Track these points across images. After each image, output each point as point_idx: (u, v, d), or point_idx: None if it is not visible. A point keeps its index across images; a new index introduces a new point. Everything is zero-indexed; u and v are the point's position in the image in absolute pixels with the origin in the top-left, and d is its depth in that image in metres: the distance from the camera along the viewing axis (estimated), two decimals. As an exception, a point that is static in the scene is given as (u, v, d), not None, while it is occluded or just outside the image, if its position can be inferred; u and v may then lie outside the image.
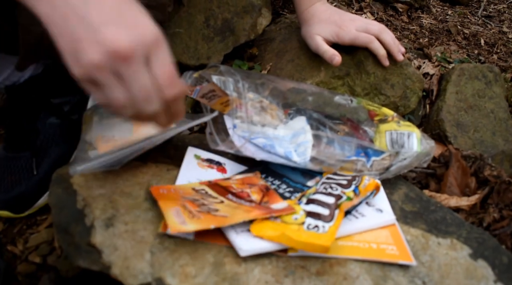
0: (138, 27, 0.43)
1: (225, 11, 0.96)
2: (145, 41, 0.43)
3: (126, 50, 0.42)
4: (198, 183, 0.64)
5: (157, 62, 0.45)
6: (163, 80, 0.45)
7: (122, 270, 0.52)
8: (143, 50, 0.43)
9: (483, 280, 0.57)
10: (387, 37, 0.84)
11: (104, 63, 0.42)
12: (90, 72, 0.43)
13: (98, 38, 0.41)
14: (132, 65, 0.43)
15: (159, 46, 0.45)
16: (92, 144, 0.71)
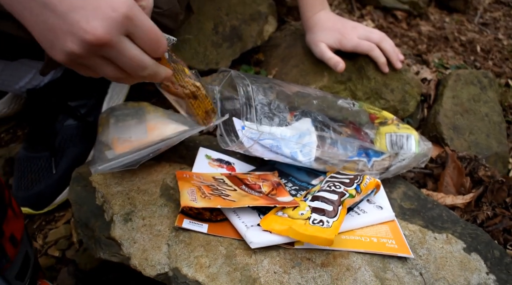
0: (105, 4, 0.41)
1: (233, 19, 1.01)
2: (118, 20, 0.42)
3: (102, 38, 0.41)
4: (219, 173, 0.69)
5: (138, 31, 0.44)
6: (150, 45, 0.46)
7: (141, 261, 0.57)
8: (120, 29, 0.42)
9: (476, 272, 0.61)
10: (387, 45, 0.88)
11: (85, 52, 0.42)
12: (73, 59, 0.43)
13: (69, 27, 0.41)
14: (114, 46, 0.43)
15: (133, 16, 0.43)
16: (109, 145, 0.75)
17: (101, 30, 0.41)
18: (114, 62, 0.45)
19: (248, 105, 0.74)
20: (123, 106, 0.84)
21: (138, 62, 0.45)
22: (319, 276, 0.56)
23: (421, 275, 0.59)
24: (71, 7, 0.41)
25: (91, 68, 0.45)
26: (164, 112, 0.82)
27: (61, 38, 0.42)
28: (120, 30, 0.43)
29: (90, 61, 0.44)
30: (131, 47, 0.44)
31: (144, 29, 0.44)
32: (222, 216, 0.61)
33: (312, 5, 0.93)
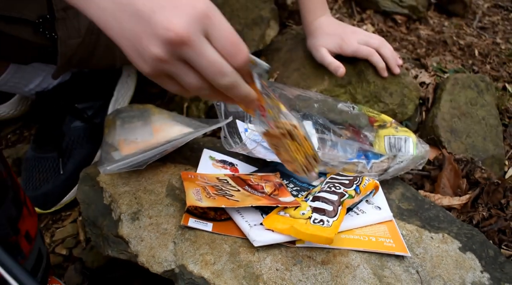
0: (186, 2, 0.42)
1: (236, 23, 1.03)
2: (197, 17, 0.42)
3: (182, 35, 0.41)
4: (223, 174, 0.71)
5: (217, 32, 0.43)
6: (230, 48, 0.44)
7: (148, 258, 0.59)
8: (199, 26, 0.42)
9: (471, 270, 0.63)
10: (386, 51, 0.91)
11: (168, 54, 0.42)
12: (158, 66, 0.43)
13: (153, 29, 0.41)
14: (194, 46, 0.42)
15: (212, 16, 0.43)
16: (115, 146, 0.77)
17: (181, 26, 0.41)
18: (194, 67, 0.44)
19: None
20: (129, 108, 0.86)
21: (217, 67, 0.44)
22: (319, 273, 0.58)
23: (418, 273, 0.61)
24: (154, 9, 0.41)
25: (174, 77, 0.45)
26: (169, 114, 0.84)
27: (146, 44, 0.42)
28: (199, 28, 0.42)
29: (173, 68, 0.44)
30: (211, 49, 0.43)
31: (223, 31, 0.43)
32: (226, 215, 0.63)
33: (313, 10, 0.95)
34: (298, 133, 0.56)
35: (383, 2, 1.44)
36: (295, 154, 0.57)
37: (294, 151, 0.57)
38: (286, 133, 0.55)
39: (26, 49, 0.68)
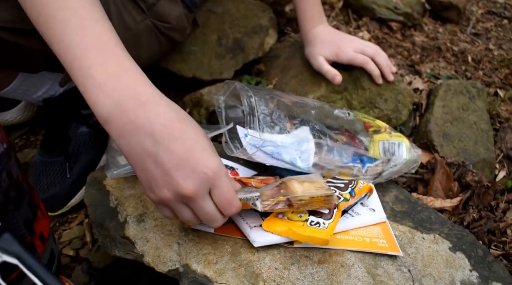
0: (201, 167, 0.50)
1: (236, 32, 1.07)
2: (207, 180, 0.51)
3: (192, 193, 0.50)
4: None
5: (218, 190, 0.52)
6: (224, 204, 0.53)
7: (154, 258, 0.62)
8: (206, 186, 0.51)
9: (460, 269, 0.67)
10: (381, 59, 0.94)
11: (174, 199, 0.51)
12: (162, 201, 0.52)
13: (169, 181, 0.50)
14: (197, 201, 0.51)
15: (218, 178, 0.52)
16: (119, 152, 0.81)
17: (193, 187, 0.50)
18: (193, 211, 0.54)
19: (251, 115, 0.80)
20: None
21: (211, 217, 0.54)
22: (316, 272, 0.61)
23: (409, 271, 0.64)
24: (175, 166, 0.50)
25: (173, 211, 0.54)
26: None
27: (160, 186, 0.51)
28: (205, 188, 0.51)
29: (175, 206, 0.53)
30: (209, 204, 0.53)
31: (222, 191, 0.53)
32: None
33: (311, 19, 0.99)
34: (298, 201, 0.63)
35: (379, 9, 1.48)
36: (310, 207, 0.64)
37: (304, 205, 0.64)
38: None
39: (35, 58, 0.71)
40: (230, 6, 1.09)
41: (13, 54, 0.68)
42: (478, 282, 0.66)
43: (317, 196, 0.63)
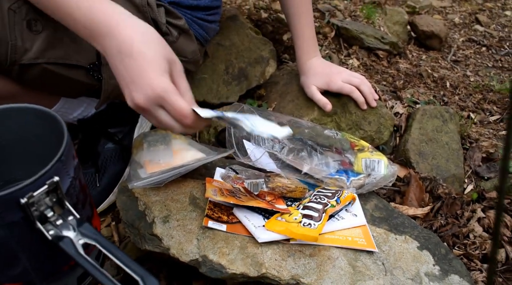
0: (147, 86, 0.63)
1: (240, 62, 1.23)
2: (153, 97, 0.63)
3: (143, 105, 0.64)
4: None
5: (168, 106, 0.64)
6: (177, 117, 0.65)
7: (178, 251, 0.77)
8: (154, 102, 0.64)
9: (425, 264, 0.82)
10: (365, 88, 1.11)
11: (136, 109, 0.66)
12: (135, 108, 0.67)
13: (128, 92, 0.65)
14: (150, 112, 0.65)
15: (165, 96, 0.63)
16: (142, 165, 0.96)
17: (143, 101, 0.64)
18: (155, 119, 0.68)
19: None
20: (154, 133, 1.05)
21: (168, 126, 0.67)
22: (307, 263, 0.76)
23: (383, 264, 0.80)
24: (130, 81, 0.64)
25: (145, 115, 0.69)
26: (186, 139, 1.03)
27: (126, 96, 0.66)
28: (155, 102, 0.64)
29: (142, 113, 0.68)
30: (164, 115, 0.66)
31: (173, 107, 0.64)
32: (236, 219, 0.82)
33: (306, 53, 1.15)
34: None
35: (367, 39, 1.65)
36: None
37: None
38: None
39: (77, 86, 0.87)
40: (236, 40, 1.25)
41: (61, 83, 0.84)
42: (439, 274, 0.81)
43: (299, 187, 0.82)
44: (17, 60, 0.73)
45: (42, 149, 0.66)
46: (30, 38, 0.73)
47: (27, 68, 0.75)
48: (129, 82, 0.64)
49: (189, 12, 0.98)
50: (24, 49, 0.73)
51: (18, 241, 0.55)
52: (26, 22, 0.73)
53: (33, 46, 0.74)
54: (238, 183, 0.88)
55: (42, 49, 0.75)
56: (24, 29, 0.73)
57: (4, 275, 0.58)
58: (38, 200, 0.53)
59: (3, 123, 0.63)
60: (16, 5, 0.72)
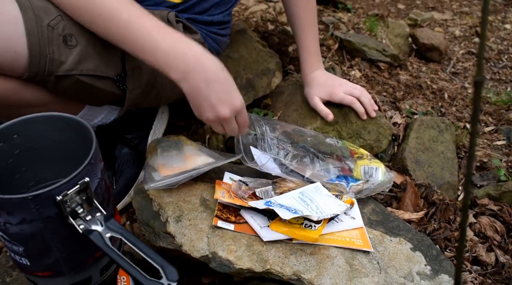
0: (233, 102, 0.85)
1: (248, 73, 1.30)
2: (236, 110, 0.85)
3: (226, 117, 0.84)
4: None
5: (240, 117, 0.89)
6: (242, 124, 0.90)
7: (190, 247, 0.84)
8: (234, 114, 0.86)
9: (417, 264, 0.89)
10: (365, 99, 1.18)
11: (216, 120, 0.86)
12: (211, 121, 0.87)
13: (215, 110, 0.84)
14: (228, 121, 0.87)
15: (241, 109, 0.87)
16: (156, 168, 1.03)
17: (228, 113, 0.85)
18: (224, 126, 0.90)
19: (262, 139, 1.04)
20: (167, 139, 1.12)
21: (234, 130, 0.91)
22: (308, 260, 0.83)
23: (378, 263, 0.86)
24: (216, 101, 0.83)
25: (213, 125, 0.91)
26: (197, 145, 1.10)
27: (208, 112, 0.85)
28: (234, 114, 0.86)
29: (215, 124, 0.89)
30: (235, 123, 0.90)
31: (244, 116, 0.90)
32: (243, 220, 0.89)
33: (310, 65, 1.23)
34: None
35: (369, 51, 1.72)
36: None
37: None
38: None
39: (103, 96, 0.95)
40: (244, 52, 1.33)
41: (90, 93, 0.91)
42: (430, 274, 0.87)
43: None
44: (54, 71, 0.81)
45: (70, 153, 0.74)
46: (66, 52, 0.81)
47: (62, 79, 0.83)
48: (217, 101, 0.83)
49: (204, 27, 1.06)
50: (60, 61, 0.81)
51: (52, 234, 0.62)
52: (62, 37, 0.81)
53: (68, 59, 0.82)
54: (249, 194, 0.94)
55: (75, 62, 0.83)
56: (61, 43, 0.80)
57: (38, 264, 0.66)
58: (70, 198, 0.61)
59: (38, 129, 0.70)
60: (54, 21, 0.80)
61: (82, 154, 0.65)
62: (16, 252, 0.65)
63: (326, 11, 2.04)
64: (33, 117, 0.70)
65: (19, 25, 0.78)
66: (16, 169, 0.73)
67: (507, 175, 1.21)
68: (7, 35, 0.77)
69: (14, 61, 0.79)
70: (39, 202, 0.58)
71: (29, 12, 0.79)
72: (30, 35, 0.78)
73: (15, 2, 0.79)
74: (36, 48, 0.79)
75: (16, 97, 0.84)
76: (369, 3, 2.33)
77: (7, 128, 0.69)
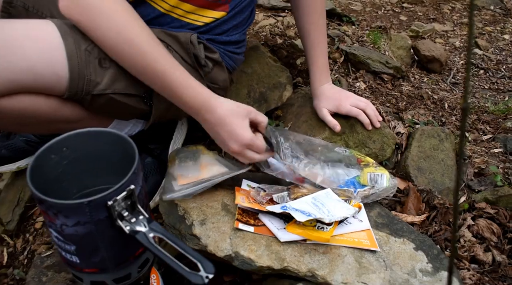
0: (239, 139, 0.98)
1: (261, 87, 1.40)
2: (245, 144, 0.98)
3: (236, 151, 0.98)
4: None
5: (254, 148, 1.00)
6: (259, 152, 1.01)
7: (214, 248, 0.94)
8: (245, 147, 0.99)
9: (420, 262, 0.98)
10: (370, 111, 1.27)
11: (232, 153, 1.00)
12: (230, 152, 1.00)
13: (227, 145, 1.00)
14: (242, 154, 1.00)
15: (251, 142, 0.99)
16: (175, 177, 1.13)
17: (236, 148, 1.00)
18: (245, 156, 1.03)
19: (277, 148, 1.14)
20: (185, 149, 1.21)
21: (253, 158, 1.03)
22: (321, 259, 0.93)
23: (384, 261, 0.96)
24: (226, 139, 0.99)
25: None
26: (214, 154, 1.19)
27: (224, 147, 1.02)
28: (244, 148, 1.00)
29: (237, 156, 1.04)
30: (251, 154, 1.02)
31: (257, 147, 1.01)
32: (261, 223, 0.98)
33: (319, 80, 1.32)
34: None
35: (373, 64, 1.82)
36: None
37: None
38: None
39: (132, 111, 1.05)
40: (257, 67, 1.43)
41: (121, 109, 1.01)
42: (431, 271, 0.96)
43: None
44: (90, 91, 0.91)
45: (110, 164, 0.84)
46: (101, 74, 0.91)
47: (97, 98, 0.93)
48: (226, 138, 0.99)
49: (222, 47, 1.16)
50: (96, 82, 0.91)
51: (101, 235, 0.72)
52: (98, 61, 0.91)
53: (103, 80, 0.92)
54: (267, 199, 1.04)
55: (109, 82, 0.93)
56: (96, 66, 0.91)
57: (87, 262, 0.75)
58: (118, 203, 0.70)
59: (85, 142, 0.80)
60: (90, 46, 0.90)
61: (122, 165, 0.75)
62: (68, 251, 0.74)
63: (331, 24, 2.14)
64: (80, 132, 0.80)
65: (61, 51, 0.88)
66: (63, 178, 0.82)
67: (503, 181, 1.30)
68: (52, 60, 0.87)
69: (57, 83, 0.89)
70: (92, 207, 0.68)
71: (69, 39, 0.89)
72: (71, 60, 0.89)
73: (57, 31, 0.89)
74: (76, 70, 0.89)
75: (58, 114, 0.94)
76: (372, 16, 2.43)
77: (58, 142, 0.78)
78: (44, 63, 0.85)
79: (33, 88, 0.86)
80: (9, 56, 0.81)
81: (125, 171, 0.73)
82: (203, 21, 1.09)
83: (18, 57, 0.82)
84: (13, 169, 1.34)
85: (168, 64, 0.94)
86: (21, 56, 0.82)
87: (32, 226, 1.32)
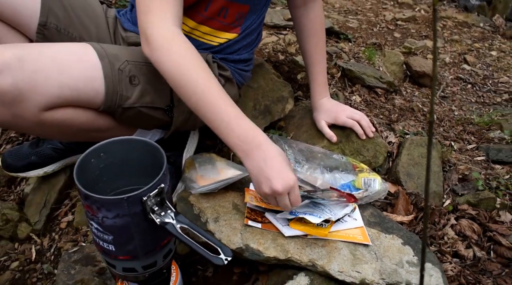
0: (286, 179, 0.96)
1: (265, 100, 1.55)
2: (288, 187, 0.96)
3: (280, 192, 0.96)
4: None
5: (292, 193, 0.98)
6: (294, 201, 1.00)
7: (227, 241, 1.07)
8: (287, 190, 0.96)
9: (407, 254, 1.11)
10: (364, 122, 1.42)
11: (272, 195, 0.98)
12: (267, 195, 0.99)
13: (271, 185, 0.96)
14: (282, 196, 0.97)
15: (294, 187, 0.97)
16: (193, 180, 1.26)
17: (281, 189, 0.96)
18: (278, 200, 1.00)
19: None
20: (201, 156, 1.36)
21: (286, 206, 1.00)
22: (320, 251, 1.06)
23: (375, 254, 1.09)
24: (271, 177, 0.96)
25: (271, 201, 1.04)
26: (226, 161, 1.34)
27: (265, 187, 0.97)
28: (287, 190, 0.97)
29: (270, 198, 1.01)
30: (287, 200, 0.99)
31: (296, 194, 0.99)
32: (268, 220, 1.12)
33: (318, 94, 1.47)
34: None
35: (367, 79, 1.97)
36: None
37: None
38: None
39: (155, 122, 1.19)
40: (262, 83, 1.58)
41: (146, 120, 1.16)
42: (417, 262, 1.10)
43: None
44: (122, 105, 1.06)
45: (140, 167, 0.97)
46: (131, 89, 1.06)
47: (126, 110, 1.08)
48: (271, 175, 0.96)
49: (233, 65, 1.31)
50: (127, 97, 1.05)
51: (135, 226, 0.85)
52: (128, 78, 1.05)
53: (132, 95, 1.06)
54: None
55: (138, 97, 1.07)
56: (127, 83, 1.05)
57: (122, 250, 0.89)
58: (151, 199, 0.84)
59: (119, 148, 0.94)
60: (122, 65, 1.05)
61: (150, 168, 0.89)
62: (105, 240, 0.88)
63: (330, 41, 2.29)
64: (115, 140, 0.94)
65: (99, 71, 1.02)
66: (100, 179, 0.96)
67: (484, 186, 1.44)
68: (92, 78, 1.01)
69: (95, 97, 1.03)
70: (130, 202, 0.82)
71: (105, 59, 1.04)
72: (107, 78, 1.03)
73: (95, 52, 1.03)
74: (111, 87, 1.04)
75: (94, 124, 1.09)
76: (368, 33, 2.59)
77: (97, 148, 0.92)
78: (86, 81, 0.99)
79: (75, 102, 1.01)
80: (56, 75, 0.95)
81: (153, 173, 0.87)
82: (218, 41, 1.24)
83: (64, 76, 0.96)
84: (40, 174, 1.47)
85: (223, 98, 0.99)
86: (67, 75, 0.97)
87: (57, 226, 1.46)
